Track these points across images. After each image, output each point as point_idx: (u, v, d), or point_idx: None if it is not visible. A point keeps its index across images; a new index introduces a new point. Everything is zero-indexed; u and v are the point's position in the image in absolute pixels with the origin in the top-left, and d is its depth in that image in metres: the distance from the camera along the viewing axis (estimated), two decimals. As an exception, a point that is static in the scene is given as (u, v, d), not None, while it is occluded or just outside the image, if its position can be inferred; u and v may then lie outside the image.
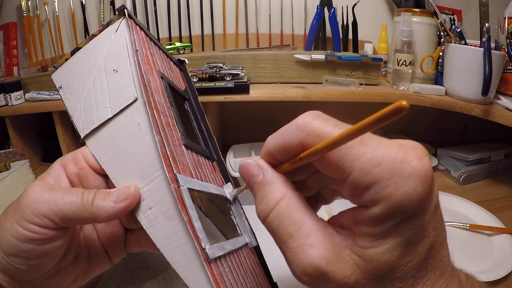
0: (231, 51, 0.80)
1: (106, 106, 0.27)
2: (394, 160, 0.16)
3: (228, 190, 0.31)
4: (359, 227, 0.18)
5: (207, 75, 0.68)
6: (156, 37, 0.84)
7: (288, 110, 0.87)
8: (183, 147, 0.28)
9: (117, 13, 0.29)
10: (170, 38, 0.84)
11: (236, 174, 0.61)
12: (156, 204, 0.24)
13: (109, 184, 0.27)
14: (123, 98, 0.26)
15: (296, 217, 0.19)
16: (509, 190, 0.68)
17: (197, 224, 0.22)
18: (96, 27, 0.86)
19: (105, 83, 0.28)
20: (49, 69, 0.79)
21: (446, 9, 0.78)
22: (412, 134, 0.85)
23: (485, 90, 0.60)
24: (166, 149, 0.23)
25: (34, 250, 0.23)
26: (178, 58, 0.42)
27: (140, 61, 0.26)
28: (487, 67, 0.59)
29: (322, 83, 0.73)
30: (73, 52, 0.30)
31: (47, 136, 0.78)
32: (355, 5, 0.78)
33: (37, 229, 0.23)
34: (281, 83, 0.75)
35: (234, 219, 0.30)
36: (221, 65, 0.69)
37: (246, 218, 0.31)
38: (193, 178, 0.26)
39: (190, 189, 0.23)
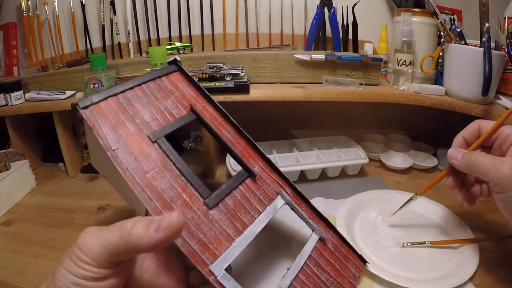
0: (231, 51, 0.80)
1: None
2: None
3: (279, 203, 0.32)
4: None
5: (207, 75, 0.68)
6: (156, 37, 0.85)
7: (288, 110, 0.88)
8: (209, 213, 0.26)
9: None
10: (170, 38, 0.84)
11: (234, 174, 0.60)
12: None
13: None
14: None
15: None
16: (509, 190, 0.68)
17: None
18: (96, 27, 0.87)
19: None
20: (49, 70, 0.79)
21: (446, 9, 0.78)
22: (412, 134, 0.85)
23: (485, 90, 0.60)
24: (193, 247, 0.23)
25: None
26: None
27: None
28: (487, 67, 0.59)
29: (322, 83, 0.73)
30: None
31: (47, 136, 0.78)
32: (355, 5, 0.78)
33: (90, 268, 0.23)
34: (281, 83, 0.75)
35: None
36: (221, 65, 0.69)
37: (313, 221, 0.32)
38: (231, 242, 0.26)
39: (227, 269, 0.24)
